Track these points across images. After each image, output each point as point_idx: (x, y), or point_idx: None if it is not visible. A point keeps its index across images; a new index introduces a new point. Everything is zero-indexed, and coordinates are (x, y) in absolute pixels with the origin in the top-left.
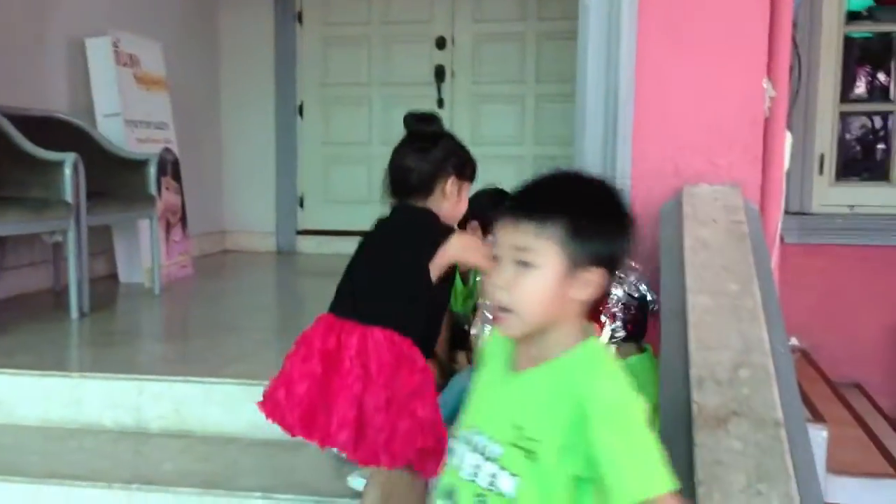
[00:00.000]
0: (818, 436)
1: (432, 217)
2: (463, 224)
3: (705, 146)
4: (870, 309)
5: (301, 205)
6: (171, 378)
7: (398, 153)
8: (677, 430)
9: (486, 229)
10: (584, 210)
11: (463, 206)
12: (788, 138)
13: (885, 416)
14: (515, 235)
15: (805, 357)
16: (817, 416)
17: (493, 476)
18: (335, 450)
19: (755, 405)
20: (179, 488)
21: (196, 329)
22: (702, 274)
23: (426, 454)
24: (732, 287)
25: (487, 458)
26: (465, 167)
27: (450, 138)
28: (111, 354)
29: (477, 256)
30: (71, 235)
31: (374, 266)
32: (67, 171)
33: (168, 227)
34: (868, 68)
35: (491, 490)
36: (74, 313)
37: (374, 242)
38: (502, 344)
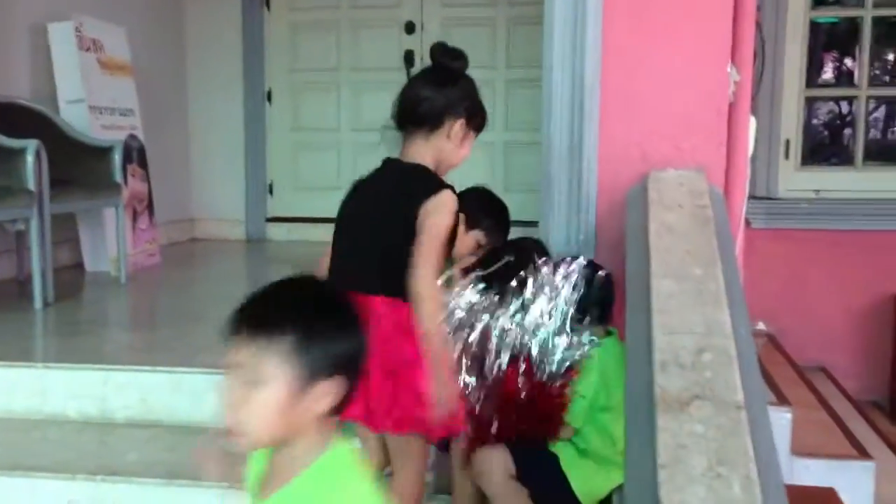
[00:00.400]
0: (782, 418)
1: (425, 171)
2: None
3: (671, 131)
4: (835, 293)
5: (270, 192)
6: (137, 368)
7: (414, 81)
8: (641, 414)
9: (471, 226)
10: (308, 322)
11: (463, 155)
12: (753, 123)
13: (850, 399)
14: (240, 353)
15: (771, 341)
16: (782, 400)
17: None
18: None
19: (717, 388)
20: (144, 479)
21: (163, 318)
22: (666, 258)
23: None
24: (696, 271)
25: None
26: (476, 115)
27: (470, 81)
28: (76, 344)
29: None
30: (34, 224)
31: (368, 230)
32: (29, 159)
33: (134, 215)
34: (835, 54)
35: None
36: (38, 303)
37: (364, 203)
38: (261, 458)
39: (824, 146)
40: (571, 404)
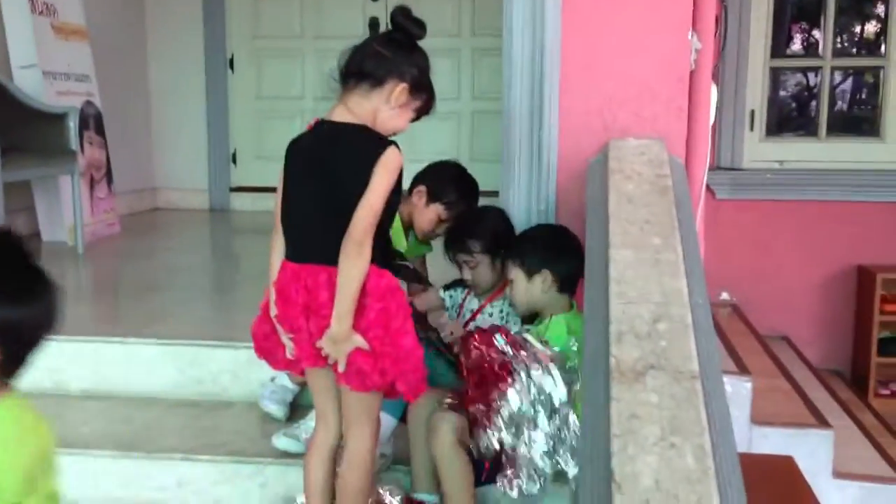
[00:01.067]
0: (743, 388)
1: (364, 130)
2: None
3: (631, 99)
4: (799, 264)
5: (234, 161)
6: (91, 339)
7: (370, 38)
8: (597, 385)
9: (432, 198)
10: None
11: (398, 124)
12: (714, 91)
13: (811, 368)
14: None
15: (735, 311)
16: (742, 369)
17: None
18: (268, 409)
19: (672, 358)
20: (97, 451)
21: (119, 289)
22: (625, 228)
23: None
24: (655, 241)
25: None
26: (421, 89)
27: (424, 56)
28: None
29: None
30: None
31: (322, 202)
32: None
33: (92, 184)
34: (803, 25)
35: None
36: None
37: (309, 173)
38: None
39: (790, 118)
40: None
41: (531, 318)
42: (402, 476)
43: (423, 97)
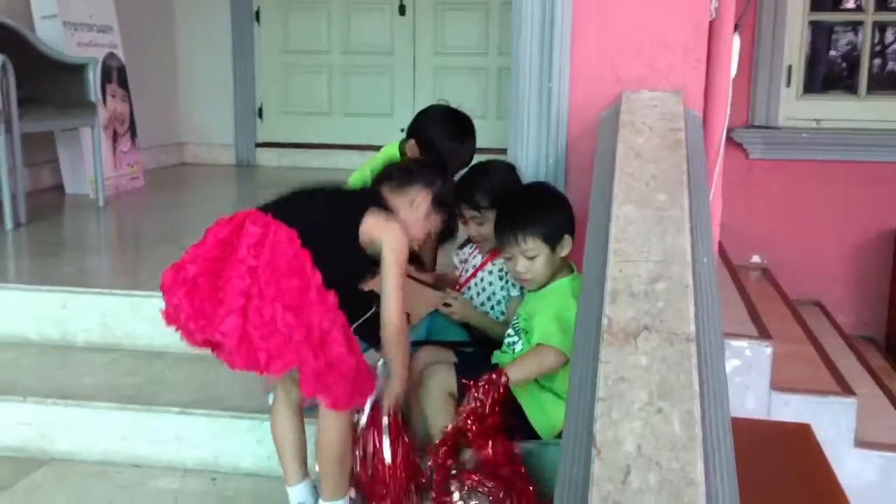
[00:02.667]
0: (762, 353)
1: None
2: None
3: (645, 50)
4: (833, 226)
5: (260, 116)
6: (96, 291)
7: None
8: (588, 346)
9: (424, 151)
10: None
11: (416, 233)
12: (736, 43)
13: (843, 334)
14: None
15: (766, 274)
16: (764, 334)
17: None
18: None
19: (668, 319)
20: (97, 402)
21: (134, 242)
22: (630, 184)
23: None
24: (660, 197)
25: None
26: (445, 205)
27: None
28: (39, 266)
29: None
30: (1, 141)
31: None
32: None
33: (115, 137)
34: None
35: None
36: (9, 223)
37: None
38: None
39: (829, 76)
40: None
41: None
42: None
43: (444, 212)
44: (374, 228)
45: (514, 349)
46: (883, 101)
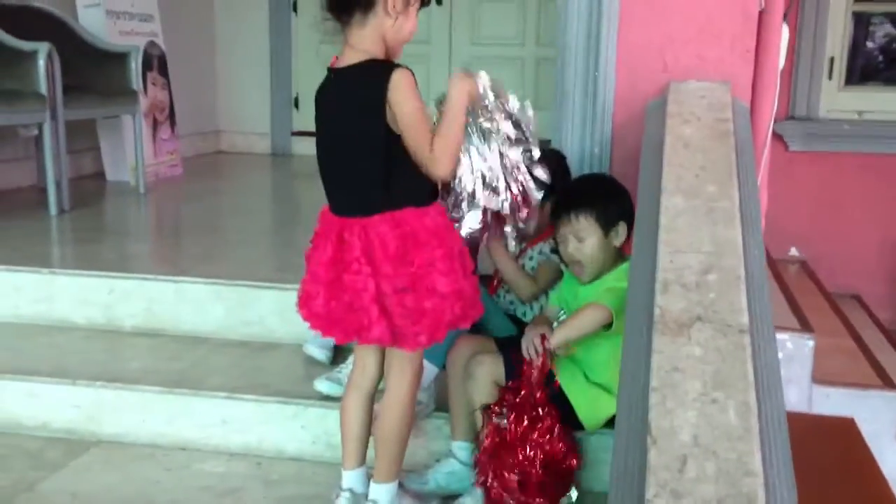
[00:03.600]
0: (805, 346)
1: (368, 67)
2: None
3: (694, 39)
4: (873, 219)
5: (296, 105)
6: (142, 276)
7: None
8: (639, 336)
9: None
10: None
11: (409, 28)
12: (785, 33)
13: (882, 329)
14: None
15: (804, 268)
16: (805, 327)
17: None
18: (311, 353)
19: (721, 310)
20: (144, 386)
21: (175, 228)
22: (679, 174)
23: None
24: (710, 188)
25: None
26: None
27: None
28: (84, 252)
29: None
30: (47, 129)
31: (346, 153)
32: (41, 62)
33: (155, 125)
34: None
35: None
36: (53, 210)
37: (330, 124)
38: None
39: (872, 68)
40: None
41: None
42: (443, 423)
43: None
44: (390, 105)
45: None
46: None
